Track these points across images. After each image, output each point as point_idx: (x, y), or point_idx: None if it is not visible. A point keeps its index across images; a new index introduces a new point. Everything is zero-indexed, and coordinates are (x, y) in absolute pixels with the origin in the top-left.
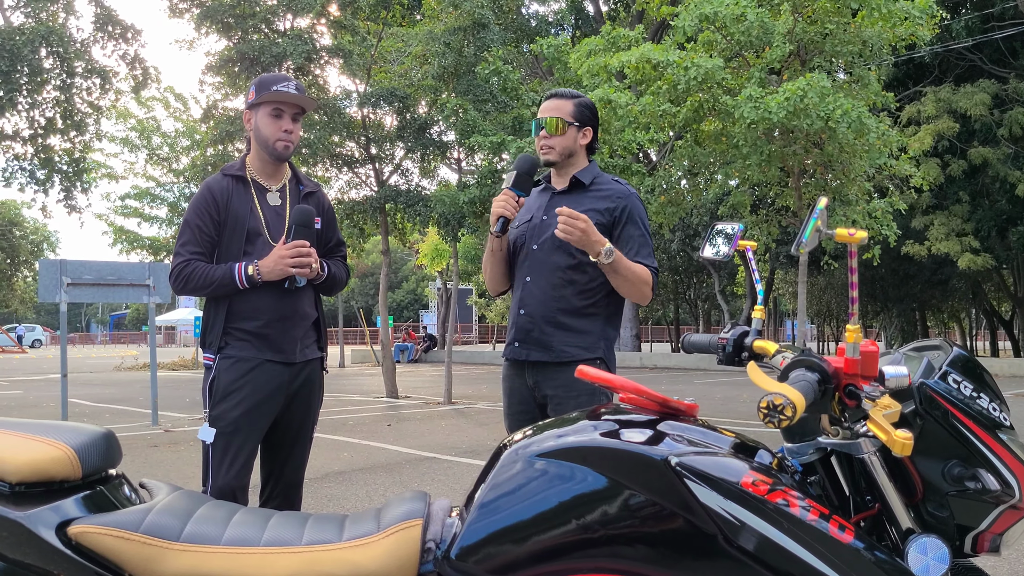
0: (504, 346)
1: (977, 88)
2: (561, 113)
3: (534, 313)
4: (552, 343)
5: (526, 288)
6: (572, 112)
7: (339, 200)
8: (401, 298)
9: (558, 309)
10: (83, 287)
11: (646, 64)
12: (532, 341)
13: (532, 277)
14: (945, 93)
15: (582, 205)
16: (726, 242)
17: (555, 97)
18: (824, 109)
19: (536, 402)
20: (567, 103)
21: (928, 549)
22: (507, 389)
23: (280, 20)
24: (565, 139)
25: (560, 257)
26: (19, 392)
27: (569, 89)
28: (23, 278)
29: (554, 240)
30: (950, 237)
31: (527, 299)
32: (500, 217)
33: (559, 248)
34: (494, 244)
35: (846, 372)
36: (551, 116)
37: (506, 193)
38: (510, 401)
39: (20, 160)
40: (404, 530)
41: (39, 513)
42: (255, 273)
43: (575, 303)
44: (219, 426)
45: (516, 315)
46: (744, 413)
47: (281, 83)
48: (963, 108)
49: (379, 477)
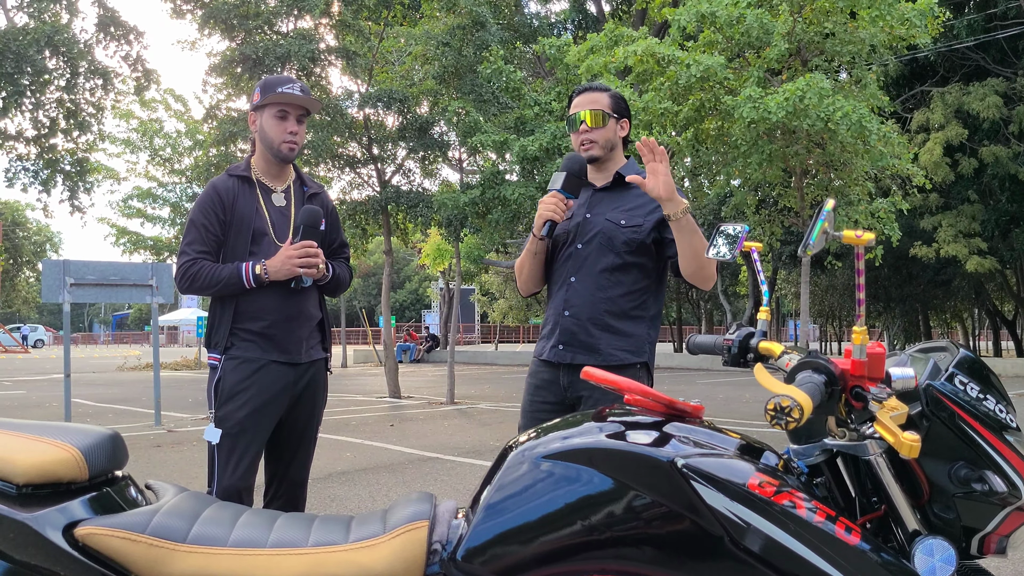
0: (541, 345)
1: (987, 88)
2: (600, 105)
3: (580, 315)
4: (599, 346)
5: (571, 289)
6: (609, 104)
7: (341, 201)
8: (404, 298)
9: (605, 311)
10: (86, 287)
11: (650, 58)
12: (578, 344)
13: (577, 277)
14: (953, 96)
15: (628, 203)
16: (731, 243)
17: (589, 91)
18: (824, 110)
19: (567, 403)
20: (603, 95)
21: (934, 551)
22: (533, 386)
23: (283, 21)
24: (606, 131)
25: (607, 257)
26: (22, 392)
27: (599, 83)
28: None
29: (600, 239)
30: (958, 239)
31: (573, 299)
32: (547, 220)
33: (606, 248)
34: (536, 247)
35: (853, 374)
36: (591, 109)
37: (555, 195)
38: (533, 399)
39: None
40: (410, 531)
41: (46, 515)
42: (262, 272)
43: (622, 305)
44: (225, 427)
45: (559, 316)
46: (747, 413)
47: (286, 85)
48: (975, 110)
49: (382, 477)
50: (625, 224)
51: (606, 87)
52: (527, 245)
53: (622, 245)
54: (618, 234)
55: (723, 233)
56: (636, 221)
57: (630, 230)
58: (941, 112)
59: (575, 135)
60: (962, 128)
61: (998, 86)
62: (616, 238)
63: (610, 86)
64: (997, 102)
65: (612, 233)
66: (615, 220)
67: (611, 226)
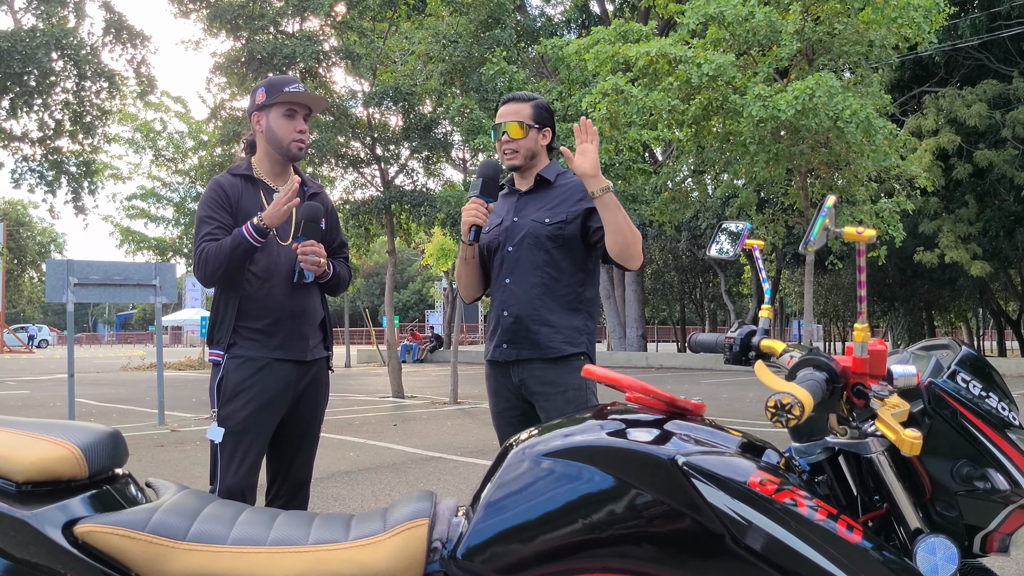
0: (487, 347)
1: (976, 95)
2: (520, 117)
3: (519, 313)
4: (539, 340)
5: (507, 290)
6: (531, 115)
7: (345, 200)
8: (407, 298)
9: (541, 307)
10: (90, 287)
11: (662, 58)
12: (520, 340)
13: (512, 278)
14: (946, 100)
15: (551, 202)
16: (733, 241)
17: (512, 101)
18: (833, 109)
19: (523, 400)
20: (525, 106)
21: (937, 549)
22: (492, 389)
23: (289, 21)
24: (527, 141)
25: (537, 255)
26: (26, 392)
27: (524, 92)
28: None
29: (529, 240)
30: (958, 245)
31: (509, 300)
32: (472, 226)
33: (534, 247)
34: (467, 252)
35: (854, 371)
36: (511, 120)
37: (475, 201)
38: (496, 401)
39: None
40: (410, 530)
41: (46, 512)
42: (260, 223)
43: (556, 299)
44: (228, 426)
45: (499, 317)
46: (750, 413)
47: (292, 85)
48: (962, 117)
49: (385, 477)
50: (549, 222)
51: (531, 96)
52: (459, 253)
53: (548, 241)
54: (543, 231)
55: (725, 230)
56: (560, 217)
57: (555, 227)
58: (934, 118)
59: (498, 144)
60: (954, 135)
61: (991, 88)
62: (542, 236)
63: (536, 95)
64: (982, 109)
65: (538, 232)
66: (540, 219)
67: (536, 226)
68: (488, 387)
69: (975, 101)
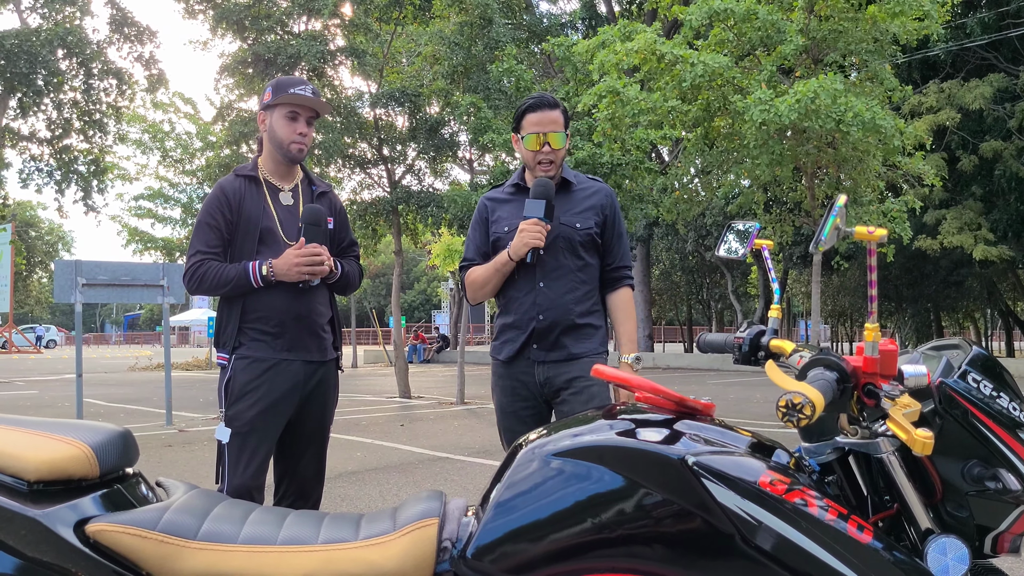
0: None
1: (982, 82)
2: (559, 126)
3: (555, 317)
4: (571, 342)
5: (540, 293)
6: (563, 121)
7: (352, 201)
8: (413, 299)
9: (575, 311)
10: (98, 288)
11: (652, 56)
12: (553, 343)
13: (545, 282)
14: (950, 88)
15: (577, 206)
16: (741, 241)
17: (545, 107)
18: (835, 111)
19: (543, 399)
20: (558, 112)
21: (948, 549)
22: (508, 388)
23: (295, 22)
24: (563, 149)
25: (571, 259)
26: (35, 392)
27: (547, 94)
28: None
29: (561, 243)
30: (963, 231)
31: (544, 304)
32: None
33: (567, 251)
34: (507, 267)
35: (865, 371)
36: (554, 131)
37: (537, 223)
38: (512, 400)
39: (37, 161)
40: (420, 529)
41: (57, 511)
42: (268, 273)
43: (584, 304)
44: (235, 426)
45: (531, 319)
46: (758, 413)
47: (298, 86)
48: (965, 102)
49: (392, 477)
50: (580, 227)
51: (557, 101)
52: (495, 263)
53: (580, 247)
54: (575, 236)
55: (734, 230)
56: (588, 224)
57: (585, 232)
58: (935, 97)
59: (533, 153)
60: (955, 113)
61: (996, 80)
62: (574, 240)
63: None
64: (986, 92)
65: (570, 236)
66: (570, 223)
67: (567, 229)
68: (501, 386)
69: (979, 86)
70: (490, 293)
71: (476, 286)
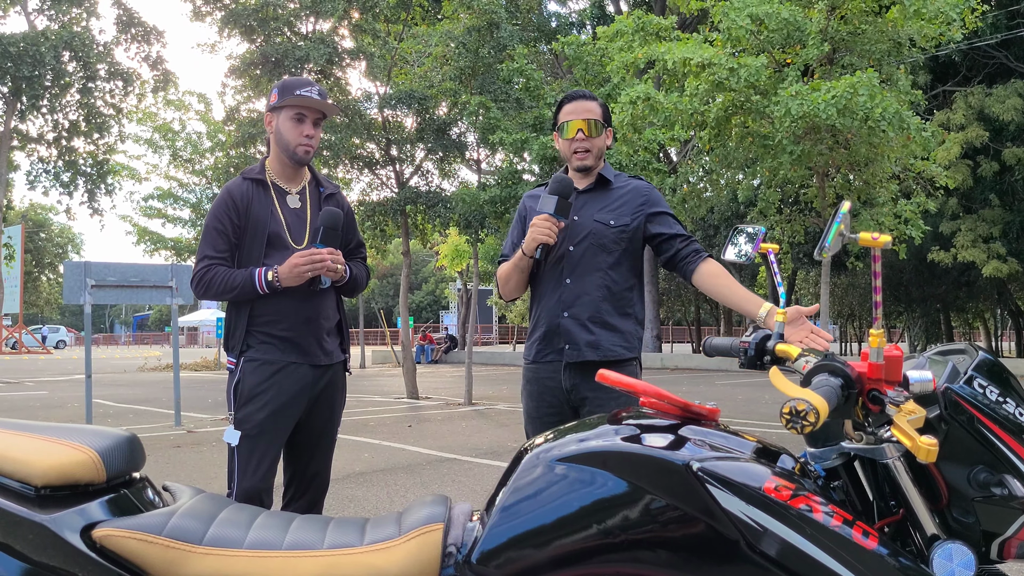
0: (538, 349)
1: (1009, 91)
2: (594, 115)
3: (580, 314)
4: (601, 343)
5: (567, 290)
6: (601, 113)
7: (360, 202)
8: (421, 299)
9: (604, 310)
10: (107, 289)
11: (690, 63)
12: (582, 343)
13: (572, 279)
14: (976, 97)
15: (612, 203)
16: (748, 244)
17: (583, 99)
18: (864, 107)
19: (570, 404)
20: (595, 104)
21: (953, 555)
22: (535, 392)
23: (303, 23)
24: (599, 141)
25: (599, 257)
26: (44, 392)
27: (585, 90)
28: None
29: (591, 240)
30: (976, 243)
31: (570, 301)
32: (540, 244)
33: (597, 248)
34: (523, 263)
35: (870, 377)
36: (588, 118)
37: (548, 219)
38: (538, 404)
39: (44, 163)
40: (425, 534)
41: (64, 516)
42: (274, 279)
43: (615, 302)
44: (244, 429)
45: (558, 317)
46: (766, 415)
47: (304, 88)
48: (996, 113)
49: (400, 478)
50: (614, 224)
51: (595, 96)
52: (513, 259)
53: (612, 244)
54: (607, 233)
55: (742, 232)
56: (624, 221)
57: (618, 229)
58: (963, 113)
59: (568, 142)
60: (983, 130)
61: (1021, 88)
62: (606, 237)
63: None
64: (1017, 104)
65: (601, 233)
66: (603, 220)
67: (600, 227)
68: (529, 390)
69: (1008, 96)
70: (515, 289)
71: (502, 281)
